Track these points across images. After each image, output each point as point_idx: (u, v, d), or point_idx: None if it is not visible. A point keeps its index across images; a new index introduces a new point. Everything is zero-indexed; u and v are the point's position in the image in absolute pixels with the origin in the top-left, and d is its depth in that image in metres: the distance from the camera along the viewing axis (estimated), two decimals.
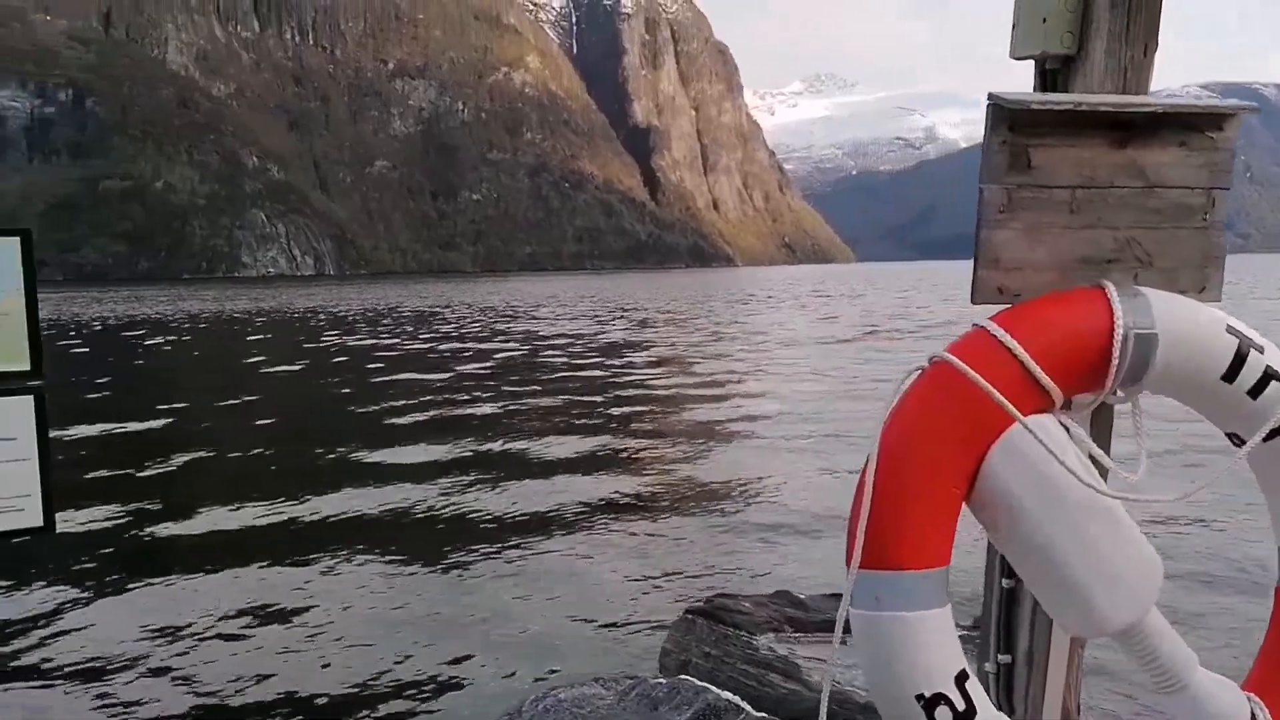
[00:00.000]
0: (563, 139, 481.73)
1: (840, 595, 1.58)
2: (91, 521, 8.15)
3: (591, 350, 23.77)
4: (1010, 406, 1.60)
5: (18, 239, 2.38)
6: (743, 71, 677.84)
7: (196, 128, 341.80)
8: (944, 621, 1.62)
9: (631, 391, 15.91)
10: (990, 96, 1.82)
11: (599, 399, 15.07)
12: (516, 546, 7.13)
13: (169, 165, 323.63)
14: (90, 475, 10.07)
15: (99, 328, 40.27)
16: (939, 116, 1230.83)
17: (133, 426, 13.40)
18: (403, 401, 15.13)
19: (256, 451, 11.41)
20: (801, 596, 4.76)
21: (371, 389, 17.02)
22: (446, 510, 8.25)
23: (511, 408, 14.23)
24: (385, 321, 39.30)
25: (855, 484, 1.60)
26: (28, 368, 2.42)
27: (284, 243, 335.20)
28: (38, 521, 2.48)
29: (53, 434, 2.39)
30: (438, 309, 50.90)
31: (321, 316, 45.26)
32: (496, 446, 11.16)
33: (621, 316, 39.91)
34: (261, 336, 33.52)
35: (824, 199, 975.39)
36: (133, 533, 7.86)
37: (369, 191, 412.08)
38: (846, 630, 1.62)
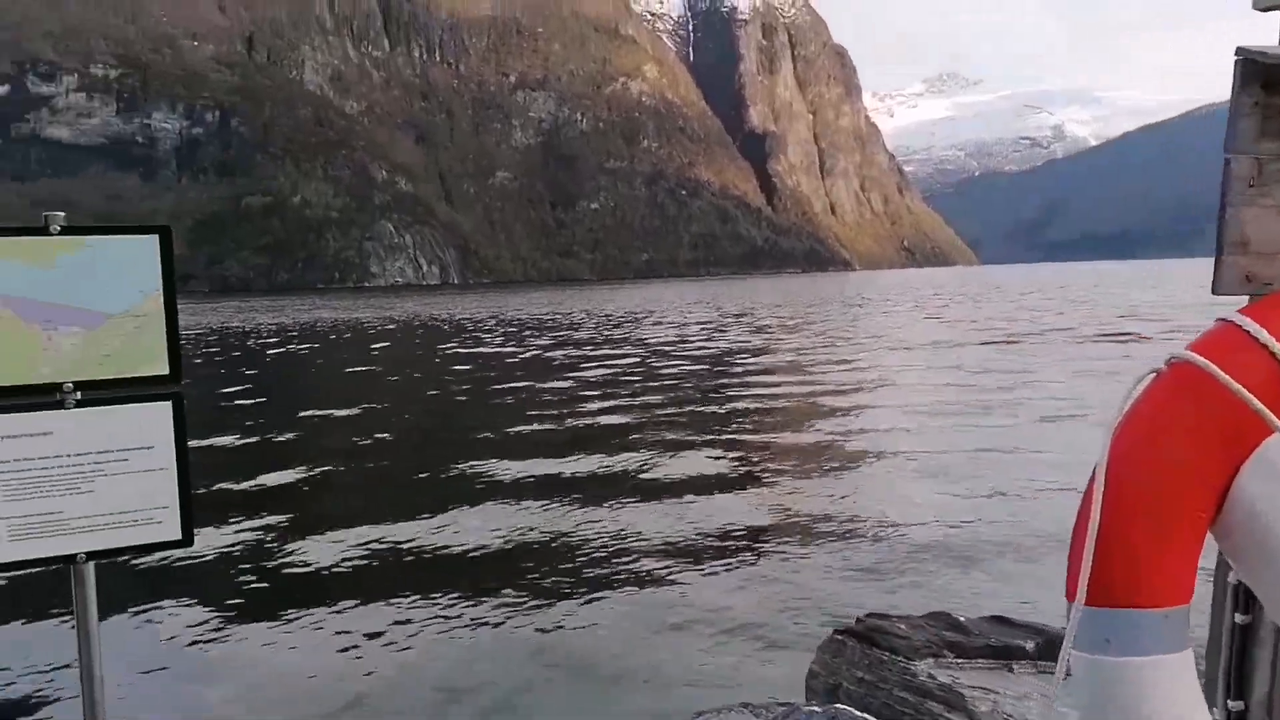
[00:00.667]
0: (679, 146, 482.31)
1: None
2: (224, 537, 8.24)
3: (710, 358, 23.67)
4: (1269, 414, 1.36)
5: (156, 237, 2.40)
6: (862, 73, 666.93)
7: (330, 144, 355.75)
8: (1185, 667, 1.41)
9: (753, 403, 15.71)
10: (1239, 51, 1.55)
11: (720, 409, 14.99)
12: (648, 569, 6.92)
13: (305, 180, 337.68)
14: (220, 487, 10.27)
15: (241, 337, 42.34)
16: (1067, 114, 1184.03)
17: (264, 437, 13.86)
18: (522, 411, 15.35)
19: (383, 464, 11.62)
20: (961, 619, 4.37)
21: (492, 397, 17.42)
22: (574, 533, 8.10)
23: (632, 420, 14.14)
24: (506, 329, 40.02)
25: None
26: (166, 372, 2.41)
27: (411, 253, 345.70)
28: (175, 535, 2.46)
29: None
30: (556, 316, 51.57)
31: (445, 325, 46.46)
32: (619, 461, 11.00)
33: (739, 323, 39.74)
34: (387, 344, 34.73)
35: (945, 201, 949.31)
36: (263, 551, 7.93)
37: (491, 202, 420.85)
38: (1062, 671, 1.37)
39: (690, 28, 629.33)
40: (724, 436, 12.55)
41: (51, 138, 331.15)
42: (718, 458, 11.16)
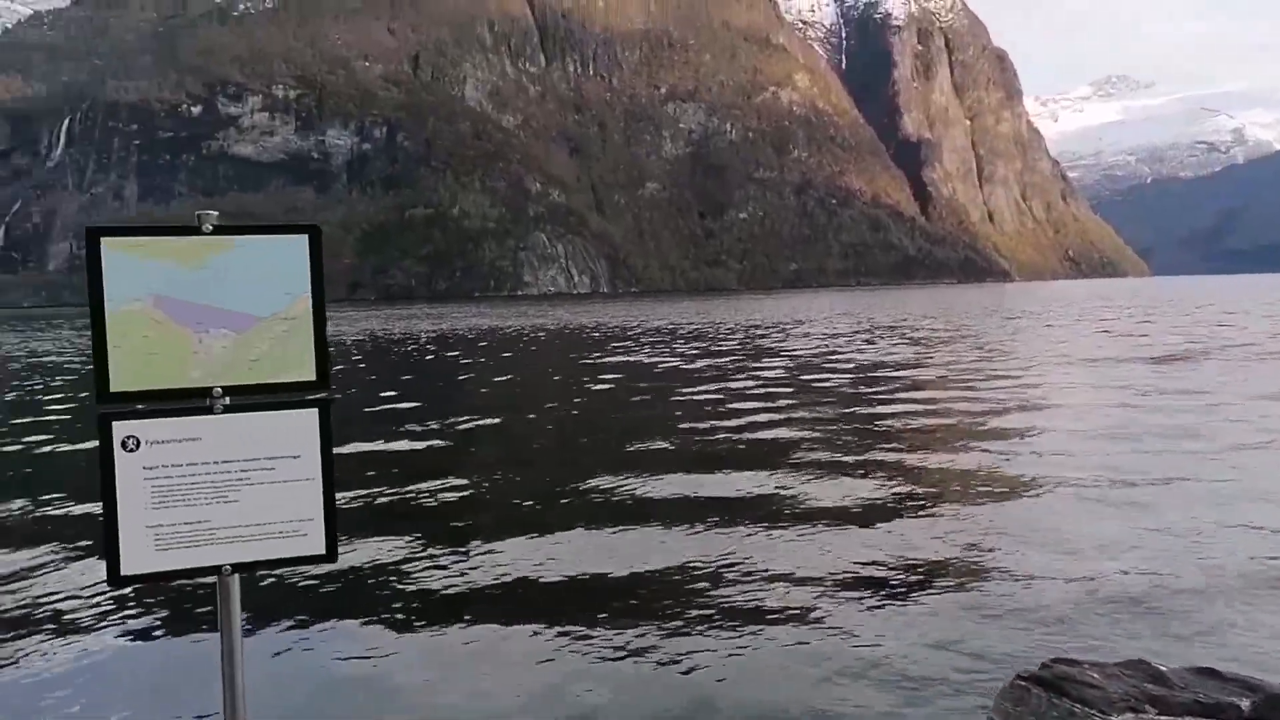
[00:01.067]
0: (829, 155, 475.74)
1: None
2: (368, 551, 8.09)
3: (861, 370, 23.04)
4: None
5: (305, 237, 2.40)
6: (1024, 77, 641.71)
7: (488, 157, 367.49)
8: None
9: (909, 420, 15.03)
10: None
11: (873, 426, 14.45)
12: (801, 603, 6.40)
13: (464, 192, 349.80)
14: (367, 496, 10.20)
15: (400, 342, 43.48)
16: (1249, 117, 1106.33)
17: (414, 445, 13.94)
18: (670, 424, 15.09)
19: (530, 477, 11.47)
20: (1162, 669, 3.96)
21: (640, 408, 17.29)
22: (722, 558, 7.65)
23: (781, 436, 13.70)
24: (654, 338, 40.04)
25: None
26: (313, 378, 2.42)
27: (563, 262, 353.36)
28: (319, 549, 2.45)
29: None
30: (704, 326, 51.38)
31: (596, 333, 46.90)
32: (766, 480, 10.53)
33: (891, 334, 38.67)
34: (536, 351, 35.39)
35: (1114, 208, 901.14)
36: (401, 568, 7.71)
37: (641, 212, 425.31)
38: None
39: (843, 35, 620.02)
40: (878, 456, 11.91)
41: (238, 155, 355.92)
42: (871, 479, 10.54)
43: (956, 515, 8.85)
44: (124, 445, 2.30)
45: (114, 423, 2.30)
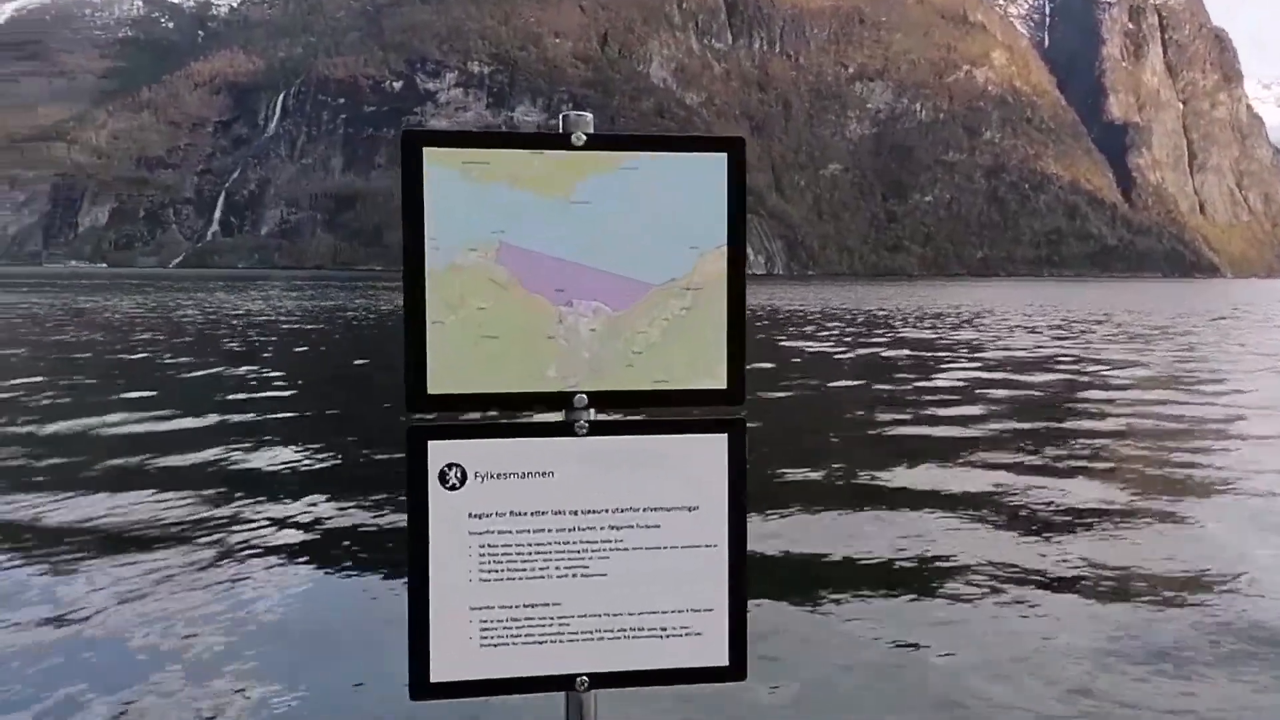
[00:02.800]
0: (1025, 138, 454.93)
1: None
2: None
3: (1061, 368, 22.68)
4: None
5: (725, 155, 1.63)
6: (1244, 59, 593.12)
7: None
8: None
9: (1117, 423, 13.77)
10: None
11: (1083, 428, 13.28)
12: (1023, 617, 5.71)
13: None
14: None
15: None
16: None
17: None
18: (862, 417, 14.02)
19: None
20: None
21: (828, 400, 16.41)
22: (940, 562, 6.84)
23: (983, 434, 12.51)
24: (835, 324, 39.75)
25: None
26: (723, 385, 1.63)
27: None
28: (720, 658, 1.65)
29: None
30: (885, 313, 50.90)
31: (779, 315, 47.23)
32: (969, 479, 9.57)
33: (1090, 330, 37.53)
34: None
35: None
36: None
37: (821, 193, 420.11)
38: None
39: (1046, 11, 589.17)
40: (1098, 467, 10.78)
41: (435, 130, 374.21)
42: (1088, 486, 9.59)
43: (1182, 534, 7.89)
44: (443, 479, 1.57)
45: (430, 442, 1.58)
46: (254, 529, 7.37)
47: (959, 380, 19.14)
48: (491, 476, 1.57)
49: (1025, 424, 13.74)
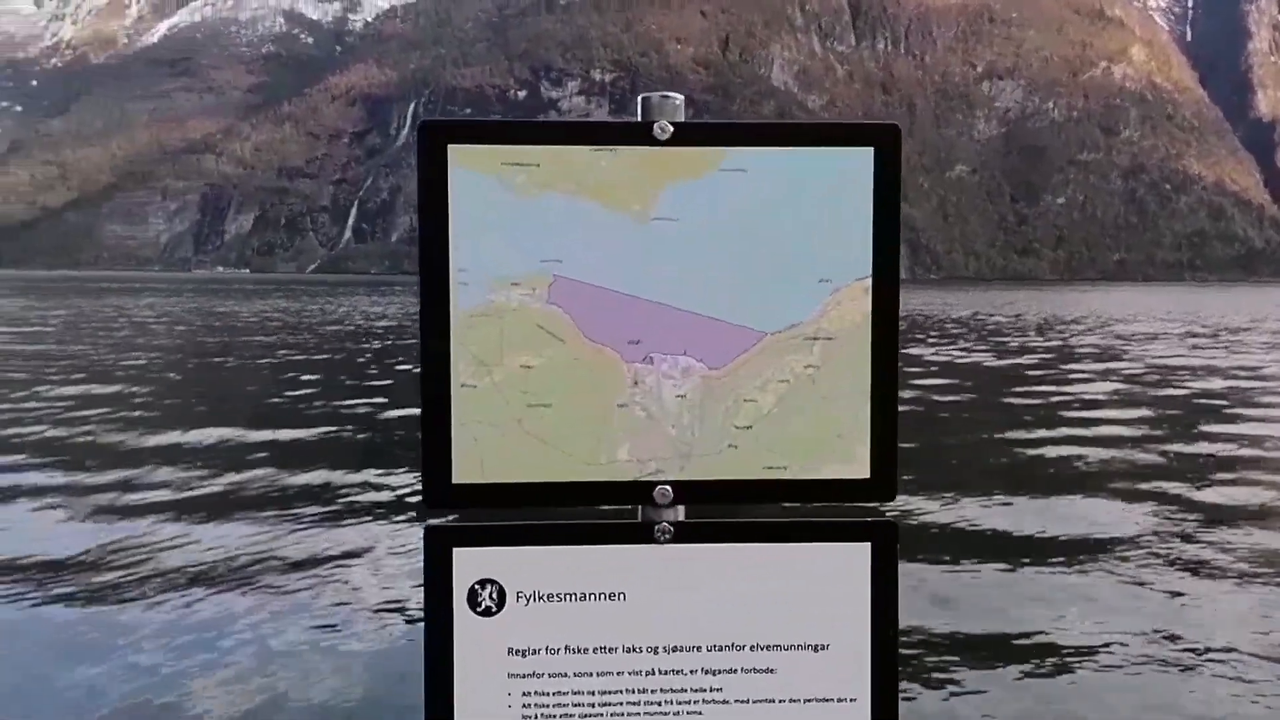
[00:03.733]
0: (1165, 136, 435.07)
1: None
2: None
3: (1211, 379, 22.17)
4: None
5: (871, 150, 1.14)
6: None
7: None
8: None
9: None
10: None
11: (1244, 452, 11.76)
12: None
13: None
14: None
15: None
16: None
17: None
18: (997, 432, 13.10)
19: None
20: None
21: (965, 413, 15.46)
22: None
23: (1138, 457, 11.24)
24: (965, 330, 39.00)
25: None
26: (865, 475, 1.16)
27: None
28: None
29: None
30: (1016, 319, 49.85)
31: (901, 322, 46.57)
32: (1118, 507, 8.53)
33: (1240, 341, 35.91)
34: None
35: None
36: None
37: (947, 195, 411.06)
38: None
39: (1189, 4, 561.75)
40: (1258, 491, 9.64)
41: None
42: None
43: None
44: (474, 601, 1.16)
45: (456, 550, 1.16)
46: None
47: (1099, 393, 18.14)
48: (540, 598, 1.15)
49: (1188, 445, 12.36)
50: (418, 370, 1.09)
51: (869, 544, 1.15)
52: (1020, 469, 10.80)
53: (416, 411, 1.08)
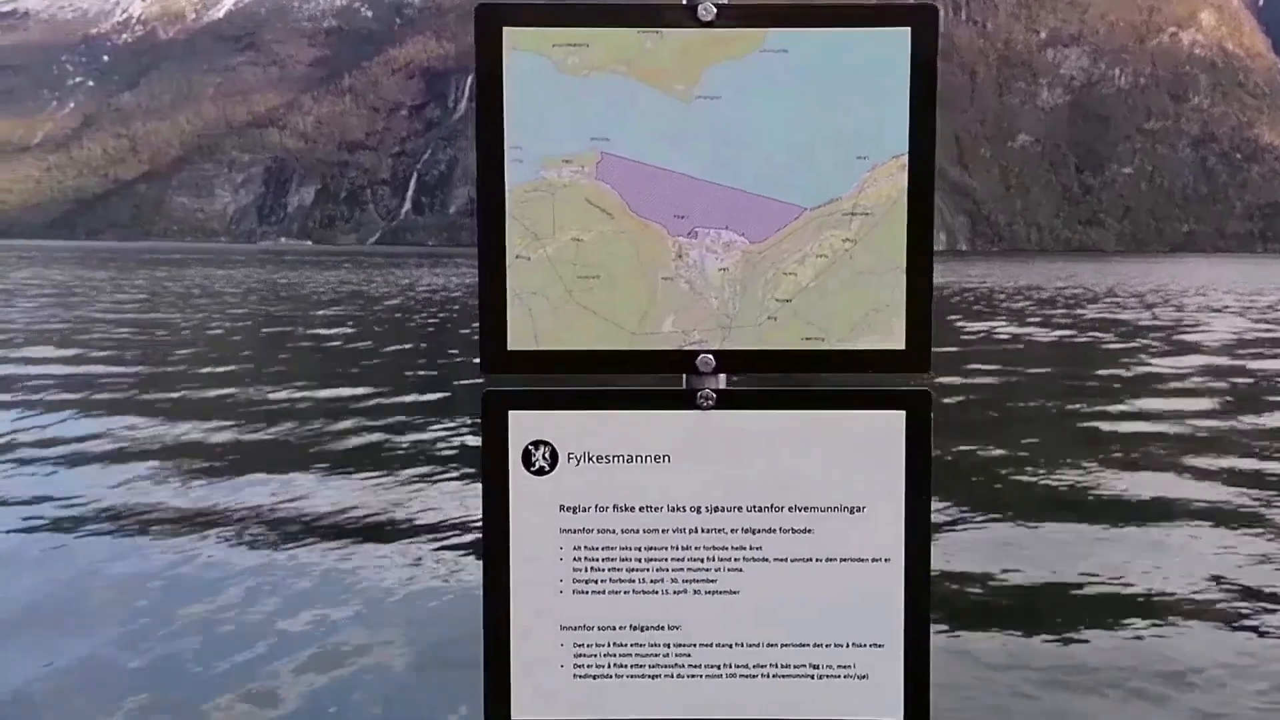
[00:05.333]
0: (1237, 103, 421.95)
1: None
2: None
3: None
4: None
5: (908, 29, 1.17)
6: None
7: None
8: None
9: None
10: None
11: None
12: None
13: None
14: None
15: None
16: None
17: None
18: (1078, 412, 12.36)
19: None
20: None
21: (1034, 391, 14.65)
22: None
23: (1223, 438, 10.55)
24: (1032, 303, 37.34)
25: None
26: (900, 345, 1.20)
27: None
28: (893, 711, 1.23)
29: None
30: (1084, 291, 48.10)
31: (969, 296, 44.74)
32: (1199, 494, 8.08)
33: None
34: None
35: None
36: None
37: (1009, 166, 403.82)
38: None
39: None
40: None
41: None
42: None
43: None
44: (528, 460, 1.22)
45: (511, 413, 1.22)
46: None
47: (1172, 367, 17.66)
48: (590, 459, 1.21)
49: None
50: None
51: (904, 412, 1.19)
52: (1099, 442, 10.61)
53: None
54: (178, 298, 35.00)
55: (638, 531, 1.20)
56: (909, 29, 1.16)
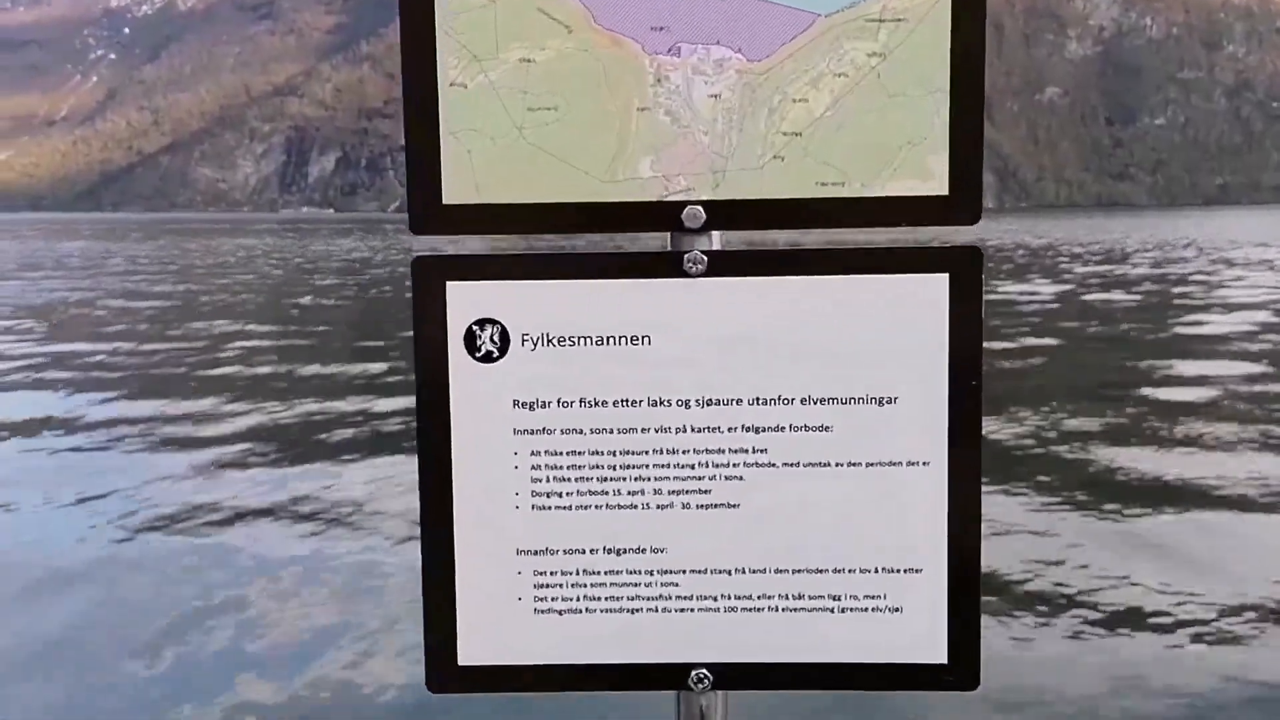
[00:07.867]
0: (1274, 51, 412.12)
1: None
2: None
3: None
4: None
5: None
6: None
7: None
8: None
9: None
10: None
11: None
12: None
13: None
14: None
15: None
16: None
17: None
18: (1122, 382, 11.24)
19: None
20: None
21: (1075, 352, 13.88)
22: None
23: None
24: (1066, 261, 36.66)
25: None
26: (943, 190, 0.92)
27: None
28: (937, 654, 0.96)
29: None
30: (1120, 248, 47.83)
31: (998, 254, 44.70)
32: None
33: None
34: None
35: None
36: None
37: (1037, 119, 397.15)
38: None
39: None
40: None
41: None
42: None
43: None
44: (472, 344, 0.95)
45: (450, 284, 0.95)
46: None
47: (1213, 329, 16.51)
48: (549, 342, 0.94)
49: None
50: None
51: (946, 275, 0.93)
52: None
53: None
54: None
55: (610, 432, 0.95)
56: None
